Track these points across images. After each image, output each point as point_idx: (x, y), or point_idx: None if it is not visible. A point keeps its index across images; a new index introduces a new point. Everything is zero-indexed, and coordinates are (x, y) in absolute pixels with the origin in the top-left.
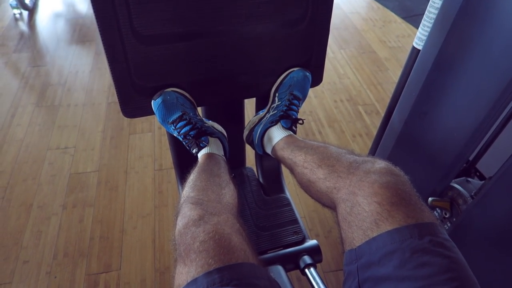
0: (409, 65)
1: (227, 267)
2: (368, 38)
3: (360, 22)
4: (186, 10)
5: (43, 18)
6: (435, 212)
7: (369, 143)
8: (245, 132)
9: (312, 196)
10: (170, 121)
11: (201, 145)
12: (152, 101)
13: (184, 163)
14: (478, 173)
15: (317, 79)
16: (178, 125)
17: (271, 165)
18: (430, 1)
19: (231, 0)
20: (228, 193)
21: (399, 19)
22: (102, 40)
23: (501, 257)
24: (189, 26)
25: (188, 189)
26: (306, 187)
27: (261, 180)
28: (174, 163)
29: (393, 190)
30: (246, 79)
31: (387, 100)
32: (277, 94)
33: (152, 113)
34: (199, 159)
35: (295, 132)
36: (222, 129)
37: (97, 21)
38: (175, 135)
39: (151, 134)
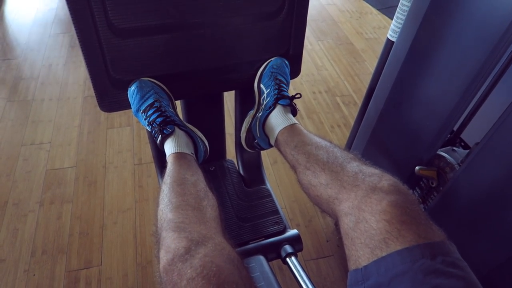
0: (384, 57)
1: None
2: (345, 29)
3: (337, 13)
4: (162, 2)
5: (11, 9)
6: (421, 182)
7: (347, 134)
8: (242, 135)
9: (310, 198)
10: (142, 109)
11: (164, 131)
12: (128, 89)
13: (164, 157)
14: (463, 143)
15: (295, 70)
16: (148, 113)
17: (252, 157)
18: None
19: None
20: (209, 204)
21: (375, 11)
22: (77, 33)
23: (488, 223)
24: (166, 19)
25: (164, 209)
26: (306, 188)
27: (241, 172)
28: (154, 157)
29: (402, 209)
30: (225, 72)
31: (364, 91)
32: (261, 85)
33: (129, 106)
34: (167, 161)
35: (296, 112)
36: (201, 134)
37: (71, 14)
38: (145, 126)
39: (130, 128)
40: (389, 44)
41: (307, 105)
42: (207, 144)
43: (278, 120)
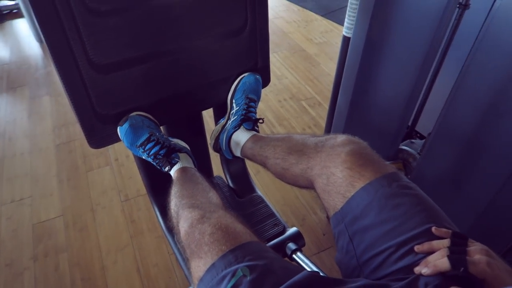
0: (343, 53)
1: (238, 247)
2: (296, 38)
3: (285, 25)
4: (136, 34)
5: None
6: None
7: (319, 132)
8: (211, 142)
9: (288, 181)
10: (138, 144)
11: (173, 162)
12: (118, 127)
13: (156, 184)
14: (418, 134)
15: (265, 79)
16: (147, 147)
17: (238, 169)
18: None
19: (176, 19)
20: (214, 195)
21: (319, 17)
22: (59, 75)
23: (450, 198)
24: (142, 50)
25: (177, 200)
26: (281, 174)
27: (231, 185)
28: (146, 186)
29: (358, 155)
30: (201, 92)
31: (326, 92)
32: (233, 101)
33: (118, 139)
34: (173, 176)
35: (258, 132)
36: (186, 144)
37: (52, 57)
38: (144, 157)
39: (109, 167)
40: (346, 40)
41: (276, 113)
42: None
43: (240, 137)
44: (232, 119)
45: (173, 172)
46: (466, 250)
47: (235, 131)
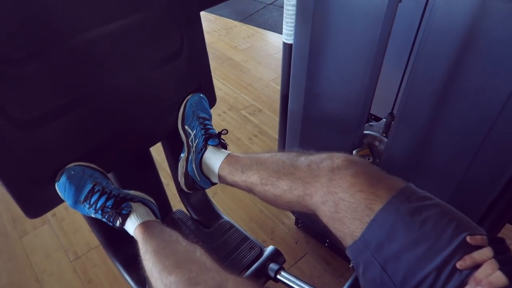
0: (286, 59)
1: None
2: (220, 48)
3: (206, 36)
4: (61, 79)
5: None
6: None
7: (266, 139)
8: (181, 180)
9: (282, 208)
10: (82, 199)
11: (123, 212)
12: (56, 184)
13: (114, 238)
14: (373, 117)
15: (211, 99)
16: (92, 200)
17: (199, 198)
18: (284, 0)
19: (104, 55)
20: (202, 253)
21: (238, 23)
22: None
23: (422, 176)
24: (70, 95)
25: (161, 275)
26: (273, 201)
27: (195, 216)
28: (101, 242)
29: (365, 175)
30: (147, 127)
31: (262, 97)
32: (186, 127)
33: (61, 200)
34: (135, 235)
35: (226, 147)
36: (142, 194)
37: None
38: (92, 215)
39: (47, 226)
40: (287, 47)
41: (218, 128)
42: (154, 203)
43: (212, 159)
44: (193, 145)
45: (132, 230)
46: None
47: (203, 154)
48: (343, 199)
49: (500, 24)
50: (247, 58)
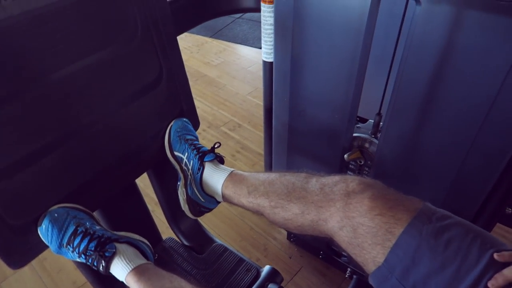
0: (267, 77)
1: None
2: (193, 65)
3: None
4: (37, 121)
5: None
6: (350, 166)
7: (249, 154)
8: (185, 208)
9: (293, 231)
10: (65, 243)
11: (106, 254)
12: (38, 229)
13: (104, 278)
14: (358, 118)
15: (194, 122)
16: (75, 243)
17: (188, 224)
18: (262, 19)
19: (81, 92)
20: None
21: (208, 39)
22: None
23: (416, 177)
24: (48, 136)
25: None
26: (284, 225)
27: (186, 243)
28: (93, 283)
29: (383, 198)
30: (132, 158)
31: (241, 111)
32: (175, 153)
33: (46, 246)
34: (128, 283)
35: (223, 160)
36: (138, 236)
37: None
38: (77, 259)
39: (28, 268)
40: (268, 65)
41: None
42: (147, 242)
43: (214, 177)
44: (189, 168)
45: (123, 277)
46: None
47: (202, 174)
48: (362, 224)
49: (476, 33)
50: (221, 74)
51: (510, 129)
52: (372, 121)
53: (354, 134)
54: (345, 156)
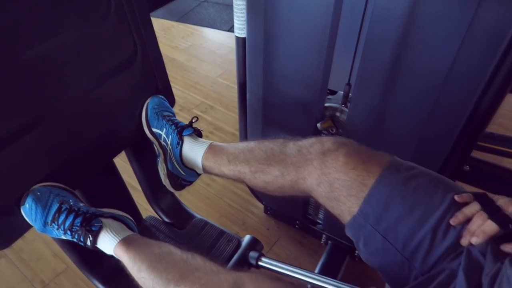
0: (240, 52)
1: None
2: (161, 49)
3: None
4: (12, 100)
5: None
6: (322, 134)
7: (223, 135)
8: (166, 182)
9: (272, 193)
10: (50, 221)
11: (93, 229)
12: (21, 208)
13: (88, 256)
14: (329, 91)
15: (170, 100)
16: (60, 220)
17: (168, 201)
18: None
19: (56, 70)
20: (200, 258)
21: (175, 23)
22: None
23: (384, 139)
24: (25, 115)
25: None
26: (264, 188)
27: (167, 220)
28: (78, 264)
29: (355, 154)
30: (110, 137)
31: (212, 94)
32: (154, 130)
33: (29, 226)
34: (118, 255)
35: (201, 134)
36: (117, 210)
37: None
38: (62, 236)
39: (4, 260)
40: (241, 40)
41: None
42: (131, 218)
43: (193, 150)
44: (168, 144)
45: (111, 249)
46: (498, 206)
47: (181, 148)
48: (337, 179)
49: (434, 2)
50: (190, 57)
51: (466, 93)
52: (342, 92)
53: (326, 104)
54: (318, 125)
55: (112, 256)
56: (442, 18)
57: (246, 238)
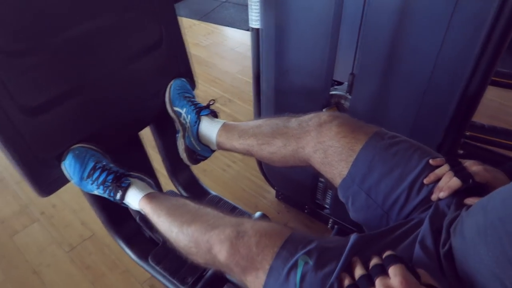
0: (255, 41)
1: (285, 242)
2: None
3: None
4: (58, 70)
5: None
6: None
7: None
8: (183, 156)
9: (277, 164)
10: (86, 176)
11: (123, 185)
12: (62, 163)
13: (115, 216)
14: (336, 82)
15: (192, 84)
16: (94, 176)
17: (187, 177)
18: None
19: (93, 47)
20: (210, 208)
21: (196, 22)
22: None
23: (383, 122)
24: (68, 84)
25: (182, 230)
26: (269, 159)
27: (185, 194)
28: (104, 221)
29: (347, 124)
30: (137, 111)
31: (231, 88)
32: (175, 109)
33: (67, 180)
34: (143, 208)
35: (217, 115)
36: (142, 174)
37: None
38: (95, 191)
39: (37, 224)
40: (255, 30)
41: None
42: (152, 182)
43: (209, 128)
44: (187, 122)
45: (136, 203)
46: (464, 166)
47: (198, 126)
48: (330, 146)
49: None
50: (210, 54)
51: (454, 77)
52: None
53: (331, 92)
54: (324, 110)
55: (133, 219)
56: (428, 8)
57: (257, 214)
